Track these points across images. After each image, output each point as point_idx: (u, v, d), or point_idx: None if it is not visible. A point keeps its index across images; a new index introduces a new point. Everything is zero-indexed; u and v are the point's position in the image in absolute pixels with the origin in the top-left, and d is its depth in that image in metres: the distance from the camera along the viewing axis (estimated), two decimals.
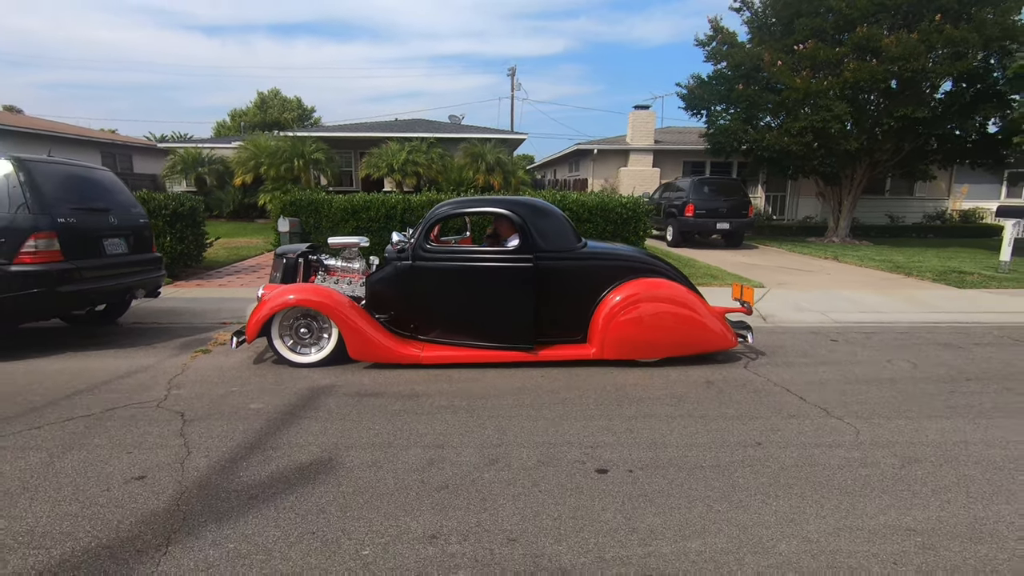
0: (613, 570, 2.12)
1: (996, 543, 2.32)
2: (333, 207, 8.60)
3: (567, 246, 4.74)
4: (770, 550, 2.26)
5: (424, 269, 4.66)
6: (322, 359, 4.60)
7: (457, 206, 4.88)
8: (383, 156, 16.30)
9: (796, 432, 3.43)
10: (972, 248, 13.99)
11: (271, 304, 4.52)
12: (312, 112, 39.55)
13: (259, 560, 2.16)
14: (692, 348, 4.76)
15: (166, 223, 8.24)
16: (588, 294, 4.74)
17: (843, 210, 15.11)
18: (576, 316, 4.75)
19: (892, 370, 4.76)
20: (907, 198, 19.47)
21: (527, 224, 4.62)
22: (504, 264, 4.61)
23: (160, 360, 4.79)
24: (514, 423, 3.51)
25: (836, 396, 4.08)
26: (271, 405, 3.76)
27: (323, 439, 3.24)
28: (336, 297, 4.60)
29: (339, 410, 3.69)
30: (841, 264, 11.52)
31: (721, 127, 14.43)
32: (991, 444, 3.29)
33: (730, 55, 14.19)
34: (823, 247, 13.95)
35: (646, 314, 4.64)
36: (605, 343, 4.63)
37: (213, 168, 19.62)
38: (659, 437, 3.33)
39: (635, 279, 4.77)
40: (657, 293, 4.72)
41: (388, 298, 4.76)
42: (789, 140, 12.71)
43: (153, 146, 23.19)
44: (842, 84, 11.87)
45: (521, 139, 20.52)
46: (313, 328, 4.62)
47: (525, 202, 4.86)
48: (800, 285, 9.19)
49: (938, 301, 7.95)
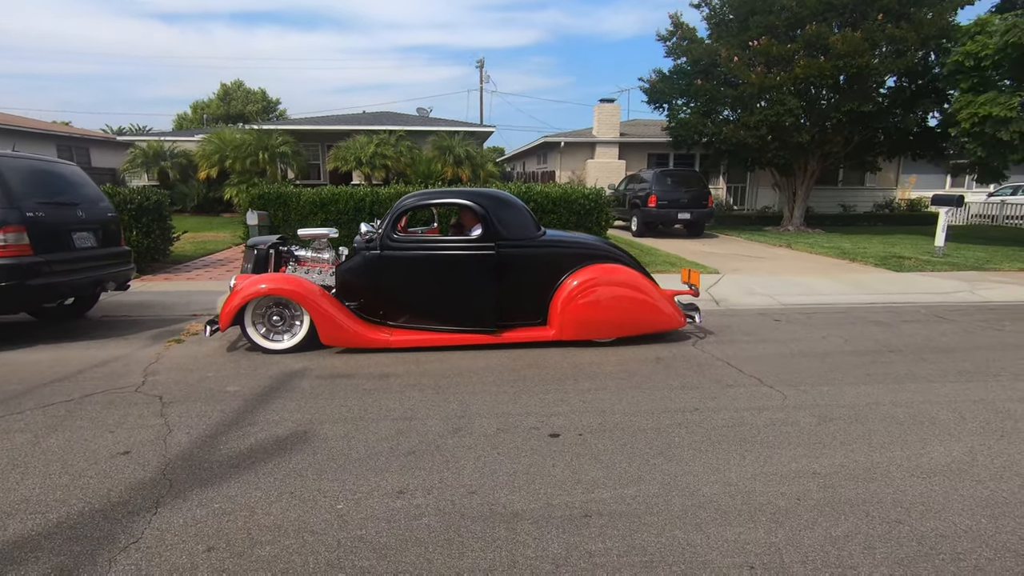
0: (559, 512, 2.44)
1: (885, 481, 2.73)
2: (302, 200, 8.71)
3: (527, 234, 5.04)
4: (695, 492, 2.61)
5: (392, 258, 4.89)
6: (294, 345, 4.80)
7: (423, 197, 5.13)
8: (351, 149, 16.32)
9: (731, 399, 3.82)
10: (915, 235, 14.85)
11: (244, 293, 4.70)
12: (277, 104, 38.89)
13: (243, 516, 2.40)
14: (645, 328, 5.13)
15: (132, 217, 8.24)
16: (547, 279, 5.05)
17: (797, 200, 15.82)
18: (536, 300, 5.06)
19: (825, 345, 5.22)
20: (859, 188, 20.44)
21: (489, 214, 4.90)
22: (468, 252, 4.88)
23: (134, 350, 4.92)
24: (477, 398, 3.80)
25: (771, 368, 4.50)
26: (247, 388, 3.96)
27: (298, 415, 3.47)
28: (307, 286, 4.81)
29: (312, 390, 3.92)
30: (793, 251, 12.14)
31: (681, 120, 14.93)
32: (898, 404, 3.74)
33: (690, 50, 14.68)
34: (778, 235, 14.62)
35: (602, 297, 4.98)
36: (564, 325, 4.96)
37: (176, 162, 19.24)
38: (608, 406, 3.67)
39: (591, 265, 5.10)
40: (612, 278, 5.07)
41: (358, 286, 4.98)
42: (745, 133, 13.28)
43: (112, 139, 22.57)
44: (794, 79, 12.46)
45: (489, 132, 20.73)
46: (285, 316, 4.82)
47: (488, 193, 5.13)
48: (753, 271, 9.71)
49: (877, 284, 8.55)
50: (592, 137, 20.40)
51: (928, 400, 3.82)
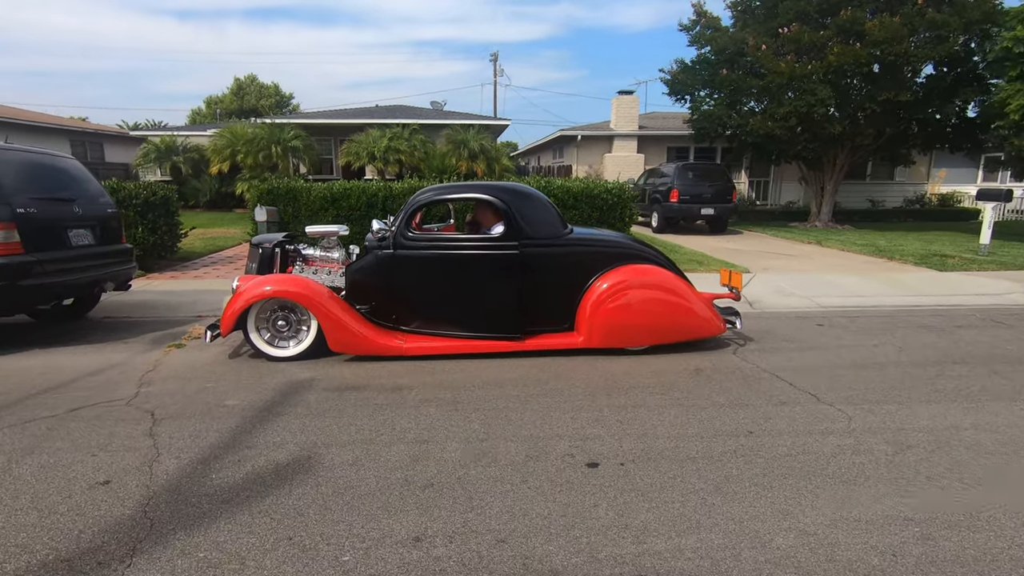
0: (607, 570, 2.03)
1: (994, 531, 2.28)
2: (312, 195, 8.36)
3: (553, 232, 4.62)
4: (767, 544, 2.19)
5: (405, 258, 4.51)
6: (301, 352, 4.44)
7: (439, 192, 4.73)
8: (363, 143, 15.97)
9: (787, 420, 3.37)
10: (952, 231, 14.16)
11: (247, 296, 4.34)
12: (290, 99, 38.71)
13: (231, 570, 2.03)
14: (680, 335, 4.69)
15: (137, 213, 7.95)
16: (575, 281, 4.63)
17: (825, 195, 15.18)
18: (563, 304, 4.65)
19: (879, 354, 4.74)
20: (888, 183, 19.66)
21: (511, 210, 4.49)
22: (489, 252, 4.48)
23: (131, 356, 4.59)
24: (501, 416, 3.40)
25: (826, 382, 4.04)
26: (247, 401, 3.60)
27: (301, 437, 3.10)
28: (315, 288, 4.44)
29: (318, 405, 3.55)
30: (824, 248, 11.57)
31: (705, 112, 14.35)
32: (981, 428, 3.27)
33: (714, 39, 14.08)
34: (806, 232, 14.02)
35: (634, 301, 4.55)
36: (593, 331, 4.54)
37: (188, 156, 19.09)
38: (649, 428, 3.25)
39: (622, 266, 4.67)
40: (645, 280, 4.63)
41: (369, 288, 4.60)
42: (773, 125, 12.68)
43: (125, 134, 22.48)
44: (826, 68, 11.83)
45: (504, 125, 20.26)
46: (291, 320, 4.45)
47: (509, 187, 4.72)
48: (785, 269, 9.20)
49: (920, 284, 8.00)
50: (610, 130, 19.85)
51: (1015, 424, 3.34)
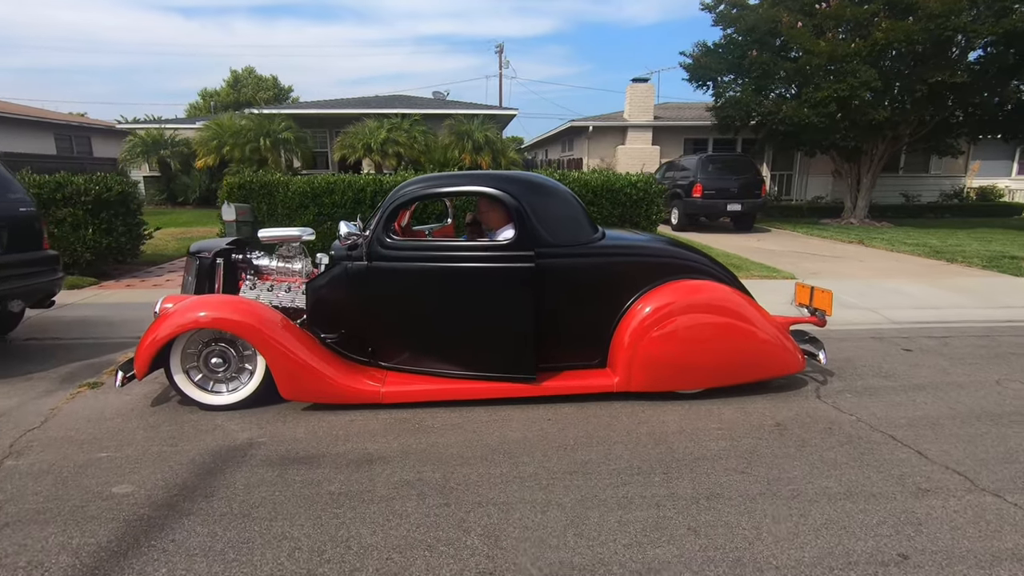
0: None
1: None
2: (290, 190, 7.24)
3: (580, 238, 3.48)
4: None
5: (384, 271, 3.38)
6: (244, 399, 3.33)
7: (428, 185, 3.58)
8: (359, 135, 14.84)
9: (947, 526, 2.22)
10: (1003, 229, 12.88)
11: (170, 324, 3.23)
12: (290, 92, 37.57)
13: None
14: (748, 374, 3.54)
15: (87, 212, 6.86)
16: (609, 303, 3.49)
17: (862, 189, 13.92)
18: (592, 333, 3.51)
19: (1010, 396, 3.58)
20: (922, 176, 18.33)
21: (524, 208, 3.34)
22: (494, 264, 3.34)
23: (26, 400, 3.49)
24: (512, 521, 2.27)
25: (963, 447, 2.88)
26: (146, 487, 2.49)
27: (203, 566, 1.98)
28: (263, 314, 3.31)
29: (247, 496, 2.44)
30: (869, 249, 10.36)
31: (731, 99, 13.11)
32: None
33: (741, 18, 12.83)
34: (843, 229, 12.79)
35: (688, 329, 3.40)
36: (633, 370, 3.40)
37: (177, 151, 17.99)
38: (741, 541, 2.11)
39: (671, 281, 3.53)
40: (701, 300, 3.48)
41: (336, 311, 3.48)
42: (809, 111, 11.44)
43: (112, 128, 21.43)
44: (870, 47, 10.58)
45: (511, 115, 19.08)
46: (230, 357, 3.34)
47: (521, 178, 3.59)
48: (833, 274, 8.02)
49: (998, 293, 6.81)
50: (623, 121, 18.61)
51: None
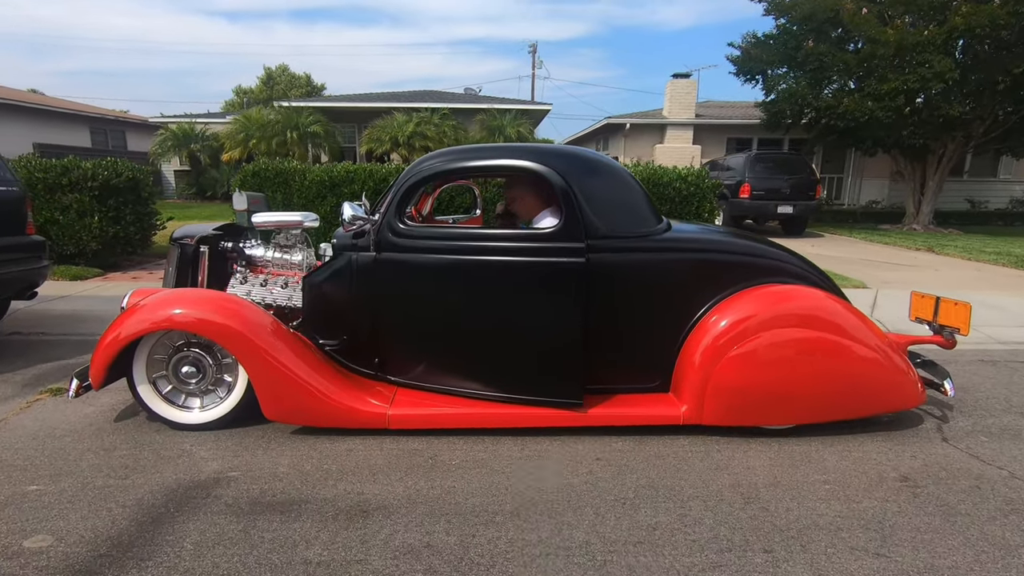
0: None
1: None
2: (307, 179, 6.70)
3: (640, 228, 2.76)
4: None
5: (396, 264, 2.73)
6: (220, 418, 2.71)
7: (452, 158, 2.89)
8: (387, 128, 14.37)
9: None
10: None
11: (136, 323, 2.63)
12: (322, 89, 37.64)
13: None
14: (853, 408, 2.76)
15: (94, 198, 6.44)
16: (676, 311, 2.77)
17: (927, 192, 12.74)
18: (653, 349, 2.79)
19: None
20: (990, 180, 16.88)
21: (572, 189, 2.64)
22: (535, 258, 2.64)
23: None
24: None
25: None
26: (68, 541, 1.88)
27: None
28: (248, 315, 2.69)
29: (196, 560, 1.79)
30: (941, 257, 9.31)
31: (785, 92, 12.14)
32: None
33: (796, 6, 11.85)
34: (906, 235, 11.69)
35: (776, 346, 2.65)
36: (705, 397, 2.66)
37: (207, 145, 17.87)
38: None
39: (755, 286, 2.78)
40: (794, 310, 2.73)
41: (338, 312, 2.85)
42: (874, 105, 10.42)
43: (146, 122, 21.52)
44: (947, 33, 9.53)
45: (545, 110, 18.36)
46: (205, 367, 2.72)
47: (569, 153, 2.89)
48: (910, 284, 7.06)
49: None
50: (662, 118, 17.71)
51: None
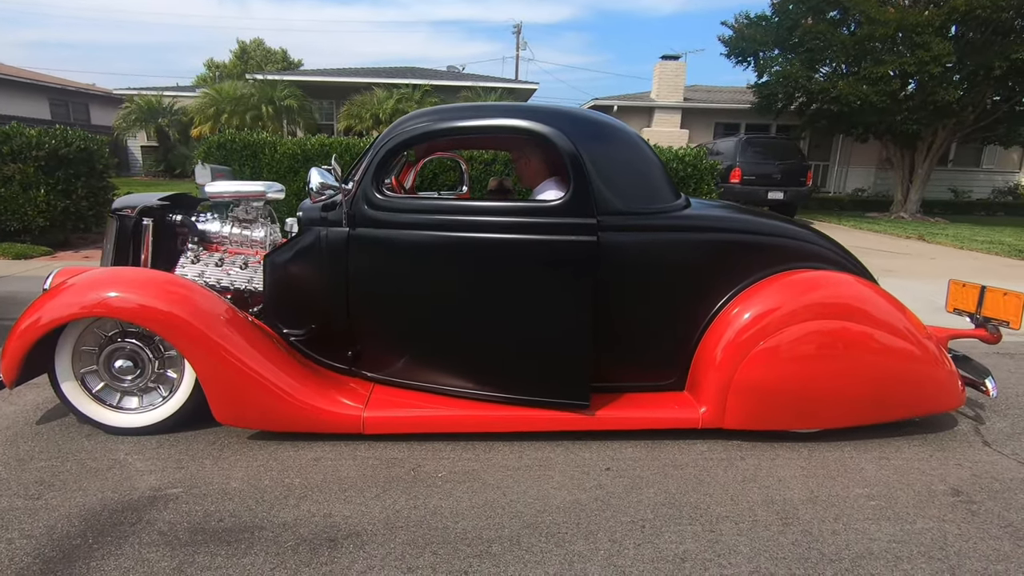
0: None
1: None
2: (278, 152, 6.18)
3: (658, 204, 2.39)
4: None
5: (373, 241, 2.32)
6: (162, 420, 2.30)
7: (439, 118, 2.46)
8: (366, 105, 13.73)
9: None
10: None
11: (58, 307, 2.20)
12: (299, 65, 36.30)
13: None
14: (891, 410, 2.46)
15: (39, 169, 5.85)
16: (695, 298, 2.42)
17: (915, 181, 12.64)
18: (668, 342, 2.44)
19: None
20: (974, 170, 16.93)
21: (582, 156, 2.25)
22: (536, 235, 2.26)
23: None
24: None
25: None
26: None
27: None
28: (196, 300, 2.27)
29: None
30: (933, 246, 9.18)
31: (779, 73, 11.84)
32: None
33: None
34: (895, 224, 11.58)
35: (807, 340, 2.33)
36: (727, 398, 2.33)
37: (175, 119, 17.00)
38: None
39: (782, 272, 2.45)
40: (826, 299, 2.40)
41: (305, 297, 2.44)
42: (869, 89, 10.18)
43: (110, 95, 20.40)
44: (946, 15, 9.29)
45: (532, 89, 17.79)
46: (144, 361, 2.30)
47: (577, 114, 2.49)
48: (910, 273, 6.88)
49: None
50: (650, 101, 17.32)
51: None
